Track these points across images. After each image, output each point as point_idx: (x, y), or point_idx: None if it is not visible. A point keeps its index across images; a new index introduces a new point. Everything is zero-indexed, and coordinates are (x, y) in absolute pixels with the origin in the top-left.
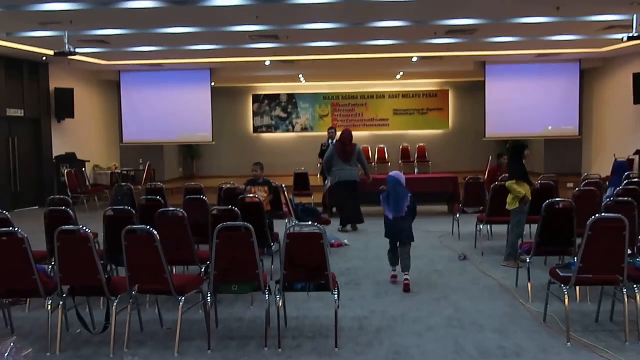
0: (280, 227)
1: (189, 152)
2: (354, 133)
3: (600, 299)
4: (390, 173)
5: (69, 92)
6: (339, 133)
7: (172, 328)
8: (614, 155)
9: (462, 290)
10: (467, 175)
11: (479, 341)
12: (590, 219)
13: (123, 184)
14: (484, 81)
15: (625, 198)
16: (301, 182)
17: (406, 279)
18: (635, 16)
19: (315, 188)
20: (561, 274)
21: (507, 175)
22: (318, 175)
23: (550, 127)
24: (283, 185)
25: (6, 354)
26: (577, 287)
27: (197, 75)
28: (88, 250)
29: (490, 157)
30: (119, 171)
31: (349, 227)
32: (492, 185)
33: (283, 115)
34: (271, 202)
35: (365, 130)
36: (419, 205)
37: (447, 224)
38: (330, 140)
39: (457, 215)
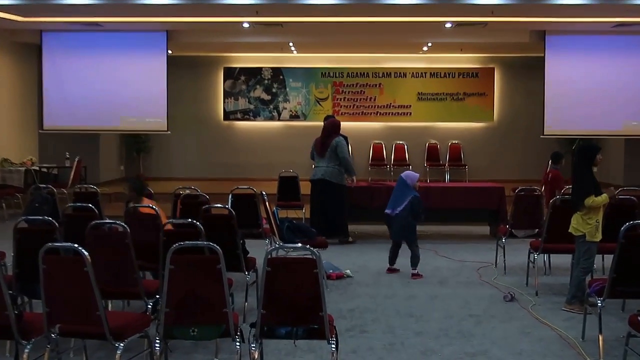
0: (258, 250)
1: (135, 145)
2: (362, 124)
3: None
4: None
5: None
6: (342, 124)
7: None
8: None
9: (508, 343)
10: (517, 186)
11: None
12: None
13: (42, 186)
14: (543, 57)
15: None
16: (289, 190)
17: (414, 273)
18: None
19: (308, 198)
20: None
21: (570, 187)
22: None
23: (634, 123)
24: (264, 193)
25: None
26: None
27: (148, 40)
28: None
29: (549, 162)
30: (37, 168)
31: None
32: (552, 201)
33: (266, 97)
34: (240, 215)
35: (378, 121)
36: (451, 226)
37: (488, 251)
38: None
39: (503, 240)
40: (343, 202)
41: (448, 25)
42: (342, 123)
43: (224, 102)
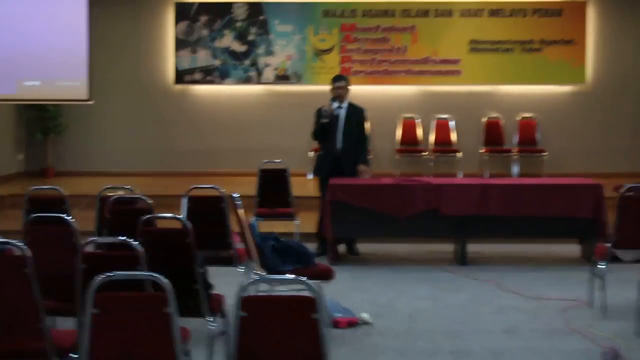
0: (228, 283)
1: (41, 123)
2: (385, 89)
3: None
4: None
5: None
6: (353, 89)
7: None
8: None
9: None
10: (623, 183)
11: None
12: None
13: None
14: None
15: None
16: (274, 190)
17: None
18: None
19: (304, 203)
20: None
21: None
22: (312, 175)
23: None
24: (236, 196)
25: None
26: None
27: None
28: None
29: None
30: None
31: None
32: None
33: (239, 48)
34: (201, 229)
35: (410, 84)
36: (522, 245)
37: (580, 283)
38: (337, 104)
39: (603, 266)
40: None
41: None
42: (355, 88)
43: (176, 56)
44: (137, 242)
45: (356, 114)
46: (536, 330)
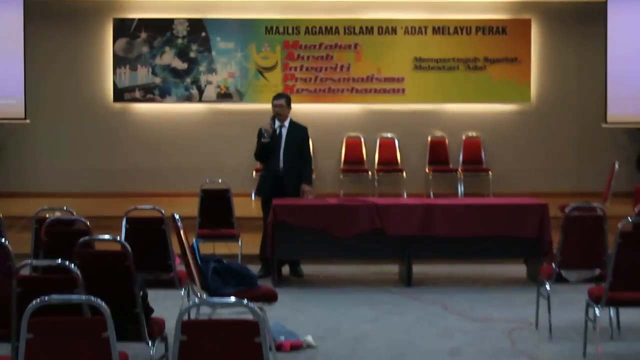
0: (169, 306)
1: None
2: (329, 107)
3: None
4: None
5: None
6: (297, 107)
7: None
8: None
9: None
10: (568, 203)
11: None
12: None
13: None
14: (605, 3)
15: None
16: (217, 211)
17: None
18: None
19: (247, 223)
20: None
21: None
22: (253, 197)
23: None
24: (177, 217)
25: None
26: None
27: None
28: None
29: (615, 164)
30: None
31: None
32: (620, 225)
33: (180, 65)
34: (141, 251)
35: (354, 102)
36: (467, 265)
37: (525, 304)
38: (278, 123)
39: (548, 287)
40: None
41: None
42: (298, 106)
43: (115, 73)
44: (75, 265)
45: (298, 132)
46: (482, 352)
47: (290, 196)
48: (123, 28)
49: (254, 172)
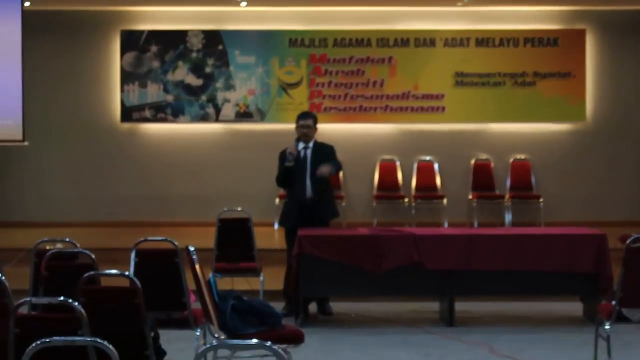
0: (183, 348)
1: None
2: (360, 127)
3: None
4: None
5: None
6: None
7: None
8: None
9: None
10: (630, 233)
11: None
12: None
13: None
14: None
15: None
16: (235, 242)
17: None
18: None
19: (269, 256)
20: None
21: None
22: (276, 227)
23: None
24: (192, 249)
25: None
26: None
27: None
28: None
29: None
30: None
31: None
32: None
33: (195, 81)
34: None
35: (388, 122)
36: (517, 303)
37: (581, 347)
38: (302, 144)
39: (607, 327)
40: None
41: None
42: (325, 127)
43: (123, 90)
44: (79, 303)
45: (324, 152)
46: None
47: (317, 226)
48: (131, 41)
49: (277, 200)
